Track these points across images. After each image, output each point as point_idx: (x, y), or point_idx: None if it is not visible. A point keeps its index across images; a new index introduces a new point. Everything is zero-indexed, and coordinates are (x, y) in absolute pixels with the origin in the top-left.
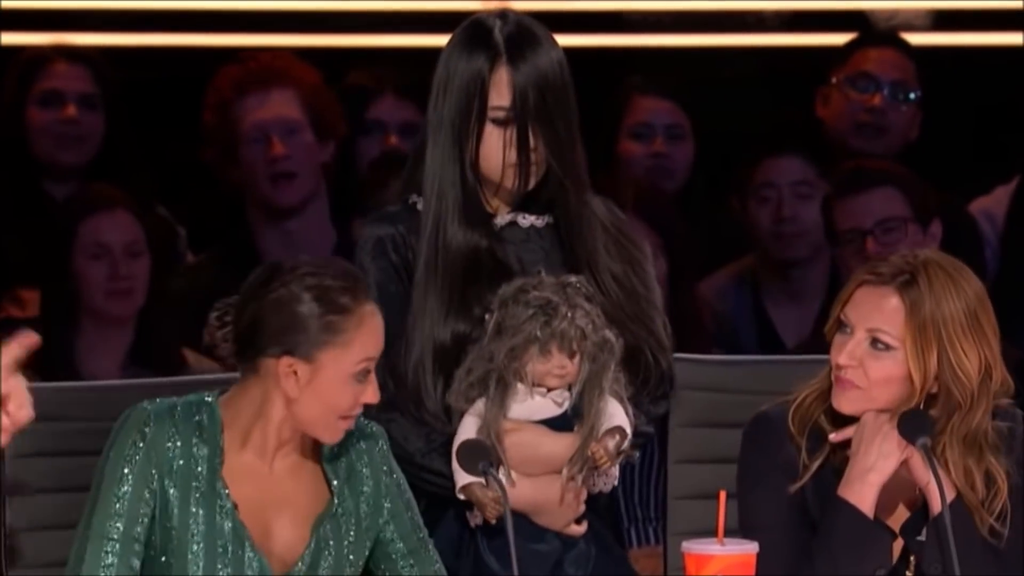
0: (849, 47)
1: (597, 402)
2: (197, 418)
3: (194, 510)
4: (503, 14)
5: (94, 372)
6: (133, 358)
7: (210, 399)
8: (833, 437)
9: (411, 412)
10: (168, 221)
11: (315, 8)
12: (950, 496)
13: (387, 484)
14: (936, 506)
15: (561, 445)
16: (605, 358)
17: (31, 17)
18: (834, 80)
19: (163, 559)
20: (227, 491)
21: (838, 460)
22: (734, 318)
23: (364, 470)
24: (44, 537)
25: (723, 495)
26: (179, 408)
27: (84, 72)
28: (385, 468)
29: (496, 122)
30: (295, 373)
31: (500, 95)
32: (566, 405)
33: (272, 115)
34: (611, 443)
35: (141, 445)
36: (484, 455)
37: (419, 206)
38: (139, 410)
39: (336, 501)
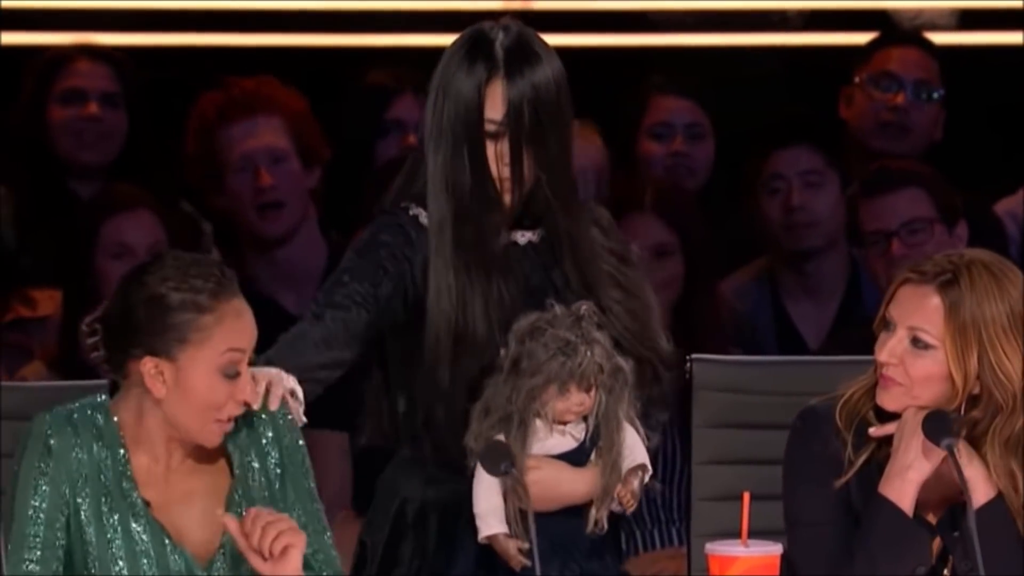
0: (872, 46)
1: (616, 435)
2: (94, 422)
3: (108, 517)
4: (506, 25)
5: None
6: None
7: (102, 399)
8: (873, 432)
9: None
10: (193, 218)
11: (334, 8)
12: (990, 495)
13: (290, 449)
14: (970, 504)
15: (581, 481)
16: (620, 387)
17: (53, 16)
18: (857, 80)
19: (86, 571)
20: (136, 492)
21: (882, 456)
22: (753, 317)
23: (268, 436)
24: None
25: (747, 496)
26: (75, 414)
27: (107, 71)
28: (288, 438)
29: (488, 135)
30: (161, 374)
31: (494, 108)
32: (583, 437)
33: (259, 144)
34: (635, 483)
35: (48, 458)
36: (505, 456)
37: (421, 218)
38: (39, 421)
39: (237, 484)
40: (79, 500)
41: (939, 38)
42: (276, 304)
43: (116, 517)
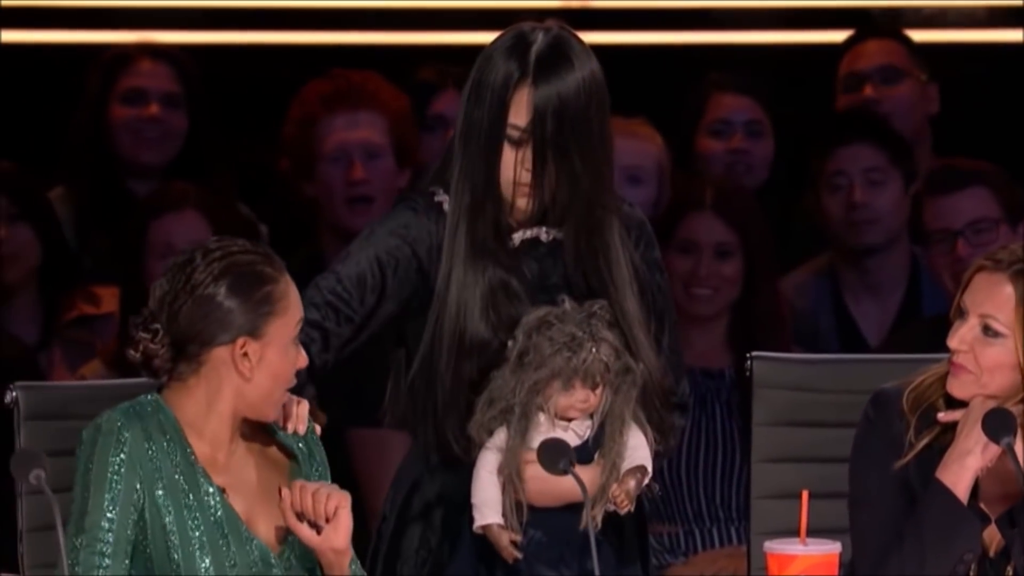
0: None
1: (619, 435)
2: (157, 417)
3: (187, 506)
4: (547, 28)
5: None
6: None
7: (154, 396)
8: (941, 416)
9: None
10: (249, 219)
11: (386, 6)
12: None
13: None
14: None
15: (581, 478)
16: (627, 387)
17: (116, 15)
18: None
19: (169, 561)
20: (210, 480)
21: (945, 442)
22: (814, 315)
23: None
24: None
25: (805, 495)
26: (139, 411)
27: (168, 71)
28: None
29: (511, 141)
30: (246, 354)
31: (519, 114)
32: (587, 436)
33: (357, 137)
34: (631, 483)
35: (123, 453)
36: (564, 453)
37: (445, 205)
38: (109, 418)
39: (300, 464)
40: (158, 493)
41: (981, 35)
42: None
43: (196, 505)
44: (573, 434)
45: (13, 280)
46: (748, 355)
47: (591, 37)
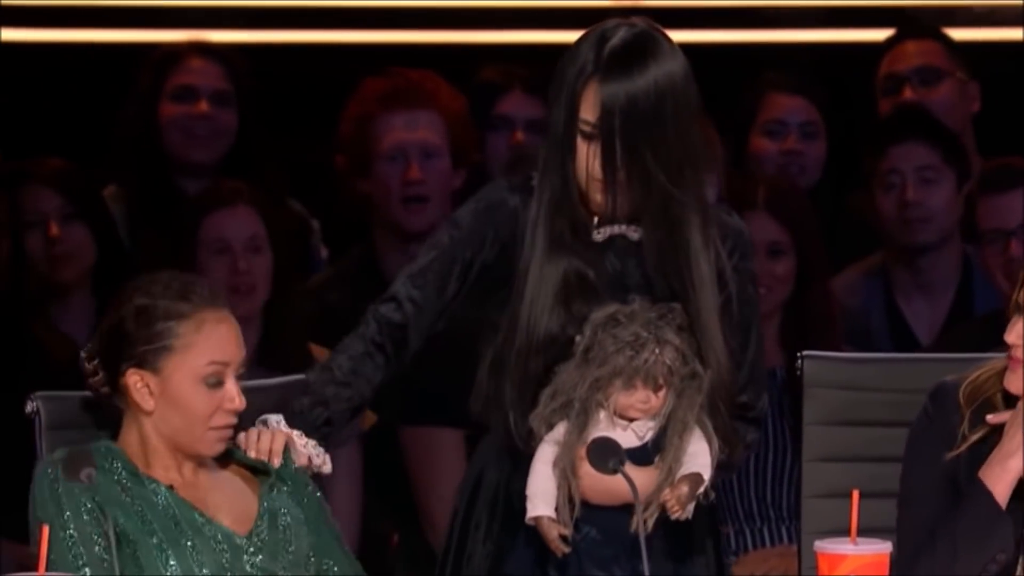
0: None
1: (679, 440)
2: (106, 454)
3: (138, 513)
4: (631, 24)
5: None
6: (260, 356)
7: (105, 441)
8: (990, 419)
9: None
10: (301, 215)
11: (447, 5)
12: None
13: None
14: None
15: (636, 480)
16: (692, 392)
17: (168, 14)
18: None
19: (131, 560)
20: (156, 482)
21: (998, 439)
22: (865, 314)
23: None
24: None
25: (856, 494)
26: (75, 452)
27: (219, 69)
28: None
29: (583, 135)
30: (147, 386)
31: (588, 109)
32: (648, 437)
33: (415, 137)
34: (684, 489)
35: (57, 486)
36: (614, 452)
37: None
38: (40, 463)
39: (271, 473)
40: (99, 502)
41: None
42: None
43: (143, 504)
44: (633, 434)
45: (68, 279)
46: (799, 354)
47: None
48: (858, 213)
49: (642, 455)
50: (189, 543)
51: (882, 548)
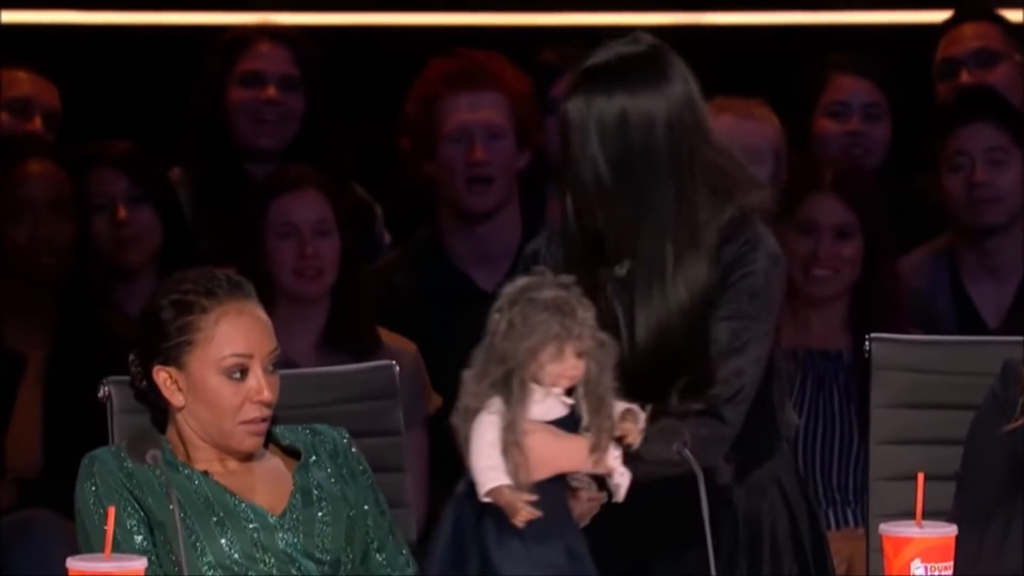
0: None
1: (606, 401)
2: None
3: (168, 494)
4: (636, 40)
5: (289, 353)
6: (327, 339)
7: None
8: None
9: None
10: (365, 200)
11: None
12: None
13: (351, 470)
14: None
15: (575, 446)
16: (605, 357)
17: None
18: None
19: (163, 546)
20: (190, 466)
21: None
22: (932, 296)
23: (323, 454)
24: None
25: (921, 477)
26: (147, 430)
27: (286, 54)
28: (343, 456)
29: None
30: (176, 383)
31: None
32: (574, 405)
33: (479, 118)
34: (630, 422)
35: (94, 481)
36: (677, 435)
37: None
38: (86, 458)
39: (306, 455)
40: (148, 501)
41: None
42: (468, 279)
43: (177, 491)
44: (561, 403)
45: (134, 262)
46: (867, 337)
47: (709, 18)
48: (925, 195)
49: (570, 423)
50: (219, 526)
51: (948, 531)
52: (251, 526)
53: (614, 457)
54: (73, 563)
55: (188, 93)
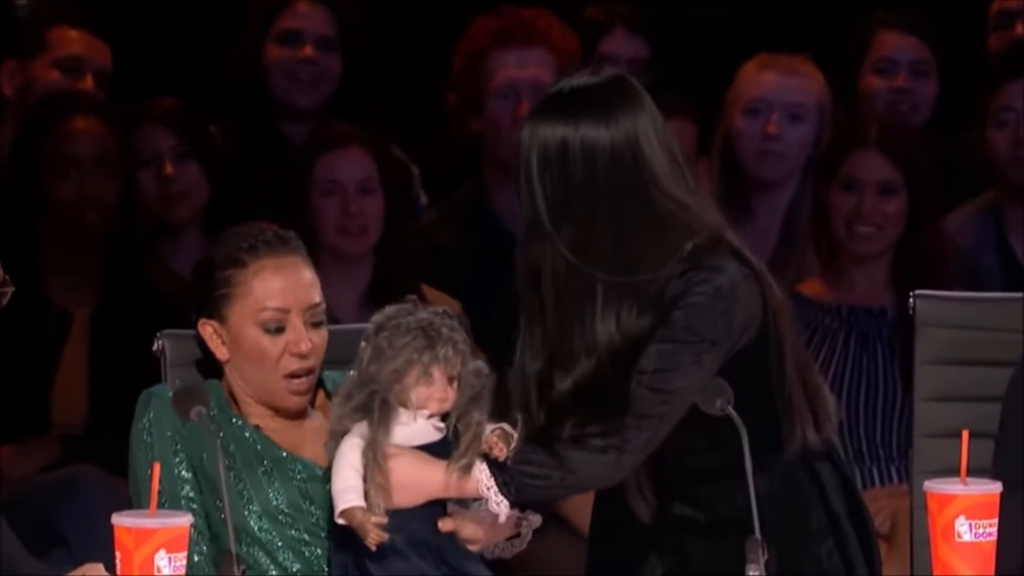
0: None
1: (475, 425)
2: (211, 385)
3: (222, 447)
4: (597, 72)
5: (333, 308)
6: (371, 296)
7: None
8: None
9: None
10: (402, 161)
11: None
12: None
13: None
14: None
15: (438, 471)
16: (482, 383)
17: None
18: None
19: (211, 495)
20: (243, 418)
21: None
22: (977, 253)
23: None
24: None
25: (965, 435)
26: (192, 386)
27: (325, 13)
28: None
29: None
30: (219, 336)
31: None
32: (447, 431)
33: (526, 75)
34: (497, 437)
35: (148, 417)
36: (722, 392)
37: None
38: (144, 393)
39: None
40: (200, 451)
41: None
42: (513, 236)
43: (231, 442)
44: (432, 427)
45: (181, 219)
46: (912, 294)
47: None
48: (971, 152)
49: (443, 449)
50: (267, 475)
51: (992, 488)
52: (299, 477)
53: (484, 483)
54: (119, 519)
55: (227, 51)
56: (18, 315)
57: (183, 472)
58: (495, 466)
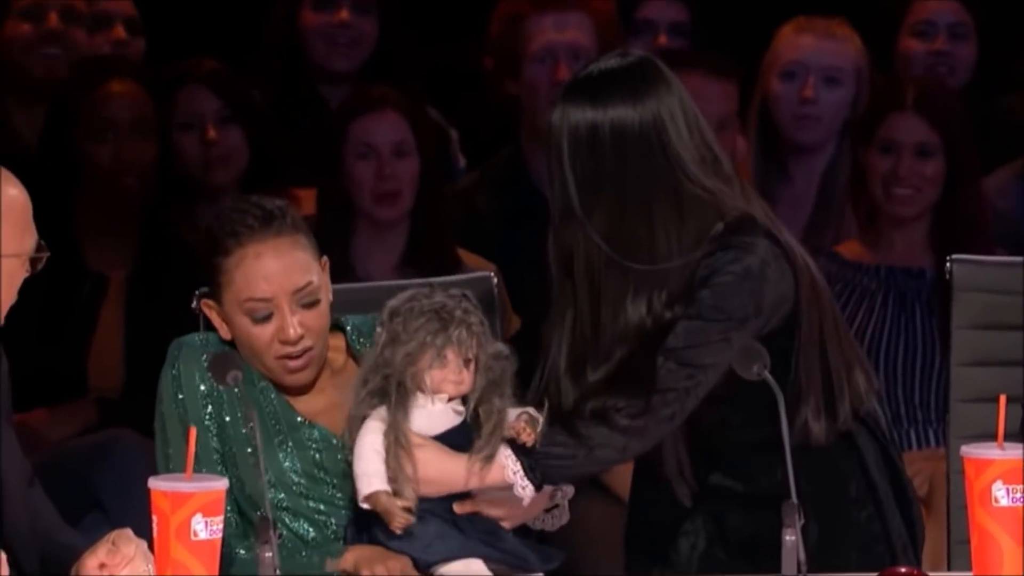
0: None
1: (496, 413)
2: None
3: (242, 407)
4: (624, 55)
5: (369, 272)
6: (407, 258)
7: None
8: None
9: None
10: (440, 124)
11: None
12: None
13: None
14: None
15: (462, 465)
16: (502, 367)
17: None
18: None
19: (229, 459)
20: (266, 379)
21: None
22: (1016, 216)
23: None
24: None
25: (1003, 399)
26: (227, 351)
27: None
28: None
29: None
30: (218, 315)
31: None
32: (465, 415)
33: (564, 39)
34: (524, 423)
35: (176, 367)
36: (759, 357)
37: None
38: (174, 343)
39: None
40: (224, 413)
41: None
42: (546, 201)
43: (246, 400)
44: (452, 411)
45: (221, 182)
46: (948, 258)
47: None
48: (1010, 115)
49: (463, 435)
50: (283, 445)
51: None
52: (314, 446)
53: (510, 469)
54: (155, 483)
55: (265, 15)
56: (55, 279)
57: (212, 437)
58: (520, 451)
